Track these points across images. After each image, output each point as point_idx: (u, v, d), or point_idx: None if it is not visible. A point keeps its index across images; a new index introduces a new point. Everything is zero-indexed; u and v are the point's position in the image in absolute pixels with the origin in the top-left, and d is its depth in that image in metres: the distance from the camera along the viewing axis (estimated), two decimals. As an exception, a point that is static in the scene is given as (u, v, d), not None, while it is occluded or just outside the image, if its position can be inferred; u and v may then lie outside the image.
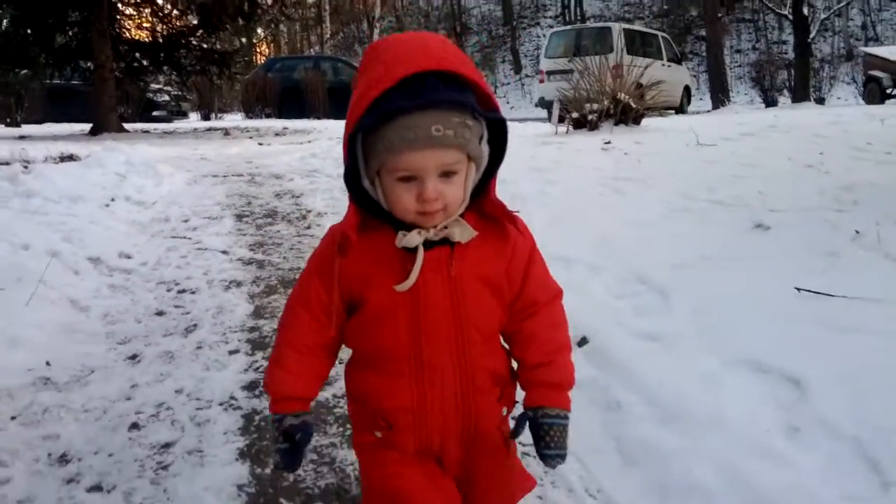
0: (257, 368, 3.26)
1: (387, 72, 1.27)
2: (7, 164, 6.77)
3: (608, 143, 7.99)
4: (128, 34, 18.01)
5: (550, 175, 6.27)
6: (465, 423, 1.51)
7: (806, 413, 2.50)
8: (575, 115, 10.22)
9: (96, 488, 2.44)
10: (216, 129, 17.22)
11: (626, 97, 10.12)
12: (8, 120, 19.89)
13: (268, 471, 2.47)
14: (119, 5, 16.92)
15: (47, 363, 3.32)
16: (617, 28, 21.08)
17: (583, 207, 5.09)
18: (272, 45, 51.25)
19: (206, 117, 26.13)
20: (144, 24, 18.29)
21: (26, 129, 17.25)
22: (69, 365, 3.33)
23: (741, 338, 3.01)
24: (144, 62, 17.90)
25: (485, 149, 1.39)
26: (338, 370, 1.76)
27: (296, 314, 1.51)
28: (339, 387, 2.91)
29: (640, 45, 21.44)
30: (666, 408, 2.68)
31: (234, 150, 11.04)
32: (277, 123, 18.40)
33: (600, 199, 5.40)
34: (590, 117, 9.98)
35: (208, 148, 11.27)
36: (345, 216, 1.43)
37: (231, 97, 30.00)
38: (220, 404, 2.96)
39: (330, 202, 6.53)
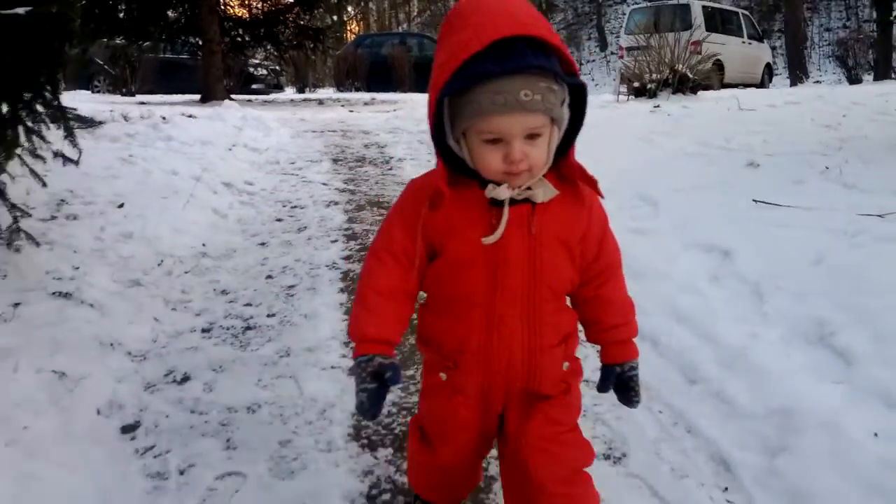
0: (351, 249, 4.54)
1: (475, 35, 1.29)
2: (145, 117, 8.22)
3: (657, 106, 9.00)
4: (232, 11, 19.61)
5: (597, 130, 7.34)
6: (529, 375, 1.57)
7: (727, 270, 3.61)
8: (636, 84, 11.19)
9: (248, 305, 3.75)
10: (311, 100, 18.71)
11: (684, 68, 11.04)
12: (123, 90, 21.86)
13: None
14: (224, -16, 18.49)
15: (203, 245, 4.65)
16: (697, 5, 21.54)
17: (614, 152, 6.17)
18: (362, 22, 52.93)
19: (300, 90, 27.75)
20: (247, 2, 19.86)
21: (141, 97, 19.08)
22: (218, 246, 4.66)
23: (700, 230, 4.10)
24: (246, 37, 19.44)
25: (566, 112, 1.41)
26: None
27: (381, 261, 1.55)
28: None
29: (719, 21, 21.76)
30: (636, 271, 3.80)
31: (328, 114, 12.42)
32: (366, 95, 19.73)
33: (632, 147, 6.48)
34: (648, 86, 10.94)
35: (306, 113, 12.69)
36: (432, 172, 1.49)
37: (324, 72, 31.60)
38: (326, 266, 4.25)
39: (408, 151, 7.79)
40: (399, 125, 9.63)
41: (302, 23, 19.92)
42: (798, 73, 23.57)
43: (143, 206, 4.84)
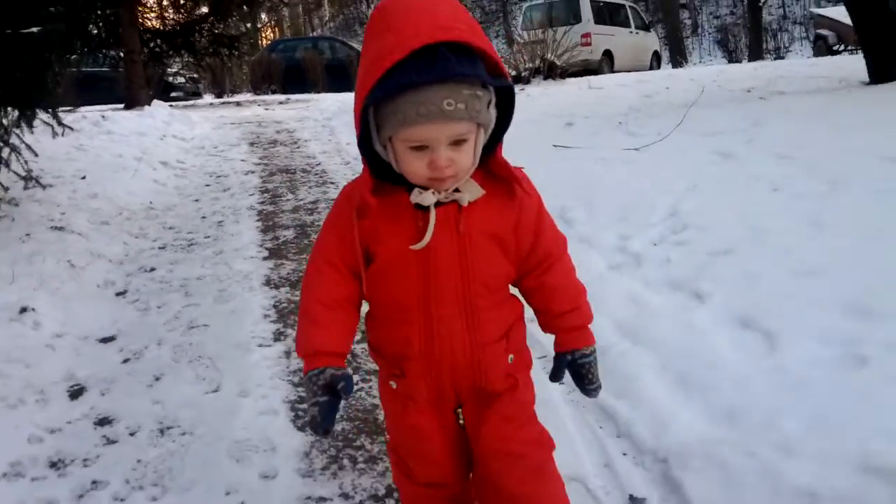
0: (264, 201, 6.09)
1: (398, 42, 1.25)
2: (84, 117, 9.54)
3: (522, 90, 10.74)
4: (149, 23, 20.73)
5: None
6: (475, 373, 1.55)
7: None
8: (513, 73, 12.95)
9: (190, 233, 5.27)
10: (229, 103, 19.99)
11: (553, 57, 12.85)
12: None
13: (270, 234, 5.28)
14: (141, -2, 19.63)
15: (150, 202, 6.13)
16: (586, 0, 23.50)
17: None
18: (277, 29, 53.86)
19: (219, 96, 28.84)
20: (164, 15, 20.99)
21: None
22: (162, 203, 6.15)
23: (512, 162, 5.78)
24: (164, 47, 20.58)
25: (492, 113, 1.38)
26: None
27: (321, 271, 1.53)
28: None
29: (608, 14, 23.72)
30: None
31: (246, 112, 13.86)
32: (282, 97, 21.11)
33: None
34: (523, 74, 12.71)
35: (225, 111, 14.12)
36: (359, 178, 1.48)
37: (241, 77, 32.69)
38: (246, 208, 5.83)
39: (313, 134, 9.37)
40: (307, 115, 11.16)
41: (217, 31, 21.14)
42: (678, 59, 25.84)
43: (100, 178, 6.29)
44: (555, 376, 1.64)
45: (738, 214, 3.83)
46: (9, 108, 4.59)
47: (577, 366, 1.61)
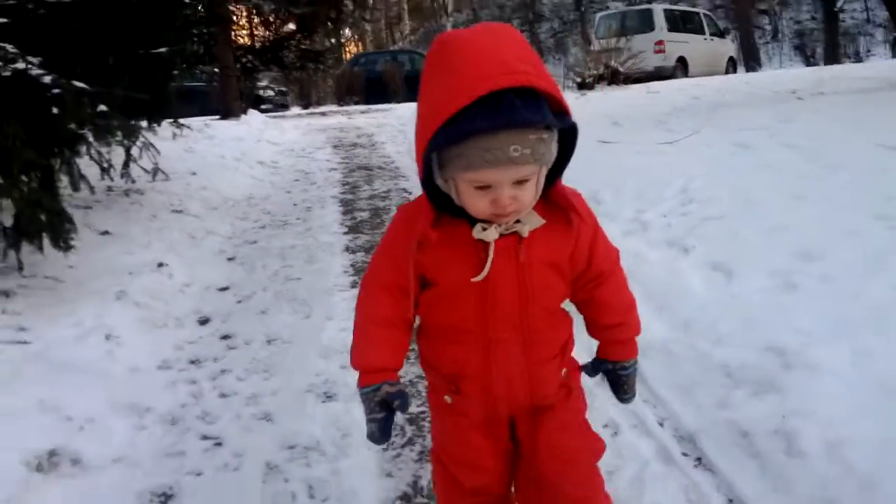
0: (345, 192, 7.07)
1: (462, 87, 1.25)
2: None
3: (584, 94, 11.51)
4: (242, 40, 22.28)
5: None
6: (532, 393, 1.58)
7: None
8: (578, 79, 13.72)
9: (284, 216, 6.27)
10: (315, 113, 21.33)
11: (616, 64, 13.56)
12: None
13: (349, 215, 6.25)
14: (234, 17, 21.19)
15: (250, 194, 7.19)
16: (658, 9, 23.95)
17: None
18: (360, 43, 55.80)
19: (305, 107, 30.43)
20: (254, 32, 22.53)
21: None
22: (259, 194, 7.21)
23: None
24: (256, 63, 22.10)
25: (555, 148, 1.36)
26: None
27: (373, 294, 1.55)
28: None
29: (681, 22, 24.12)
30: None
31: (330, 121, 15.02)
32: (363, 107, 22.35)
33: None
34: (587, 80, 13.46)
35: (311, 120, 15.31)
36: (416, 205, 1.49)
37: (325, 90, 34.31)
38: (331, 197, 6.83)
39: (390, 137, 10.36)
40: (385, 122, 12.20)
41: (303, 47, 22.57)
42: (751, 64, 26.01)
43: (207, 174, 7.39)
44: (590, 372, 1.71)
45: (735, 191, 4.57)
46: (141, 115, 5.65)
47: (615, 376, 1.69)
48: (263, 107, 28.68)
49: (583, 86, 13.54)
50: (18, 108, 3.58)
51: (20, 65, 3.60)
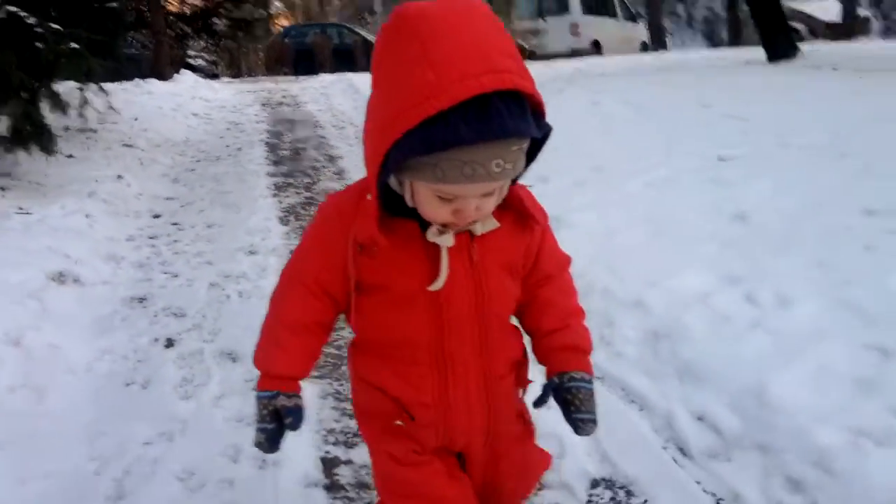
0: (270, 137, 8.25)
1: (440, 85, 1.04)
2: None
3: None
4: (172, 7, 22.94)
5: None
6: (488, 417, 1.43)
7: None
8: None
9: (217, 154, 7.45)
10: (245, 81, 22.22)
11: (520, 41, 14.97)
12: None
13: (273, 153, 7.47)
14: (166, -15, 21.85)
15: (186, 137, 8.31)
16: (575, -8, 25.36)
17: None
18: (291, 18, 56.20)
19: (234, 76, 31.09)
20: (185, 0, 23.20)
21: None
22: (195, 139, 8.35)
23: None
24: (186, 30, 22.80)
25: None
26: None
27: (292, 291, 1.40)
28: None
29: (595, 6, 25.54)
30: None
31: (258, 86, 16.04)
32: (292, 77, 23.30)
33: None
34: (496, 56, 14.85)
35: (241, 85, 16.30)
36: (350, 193, 1.35)
37: (255, 62, 34.93)
38: (258, 141, 8.01)
39: (312, 98, 11.54)
40: (308, 86, 13.34)
41: (234, 16, 23.36)
42: (656, 48, 27.87)
43: (148, 120, 8.50)
44: (537, 402, 1.45)
45: (567, 128, 5.98)
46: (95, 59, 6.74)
47: (563, 391, 1.41)
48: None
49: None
50: (11, 41, 4.69)
51: (12, 8, 4.72)
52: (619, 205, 4.14)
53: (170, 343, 3.17)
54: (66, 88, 5.76)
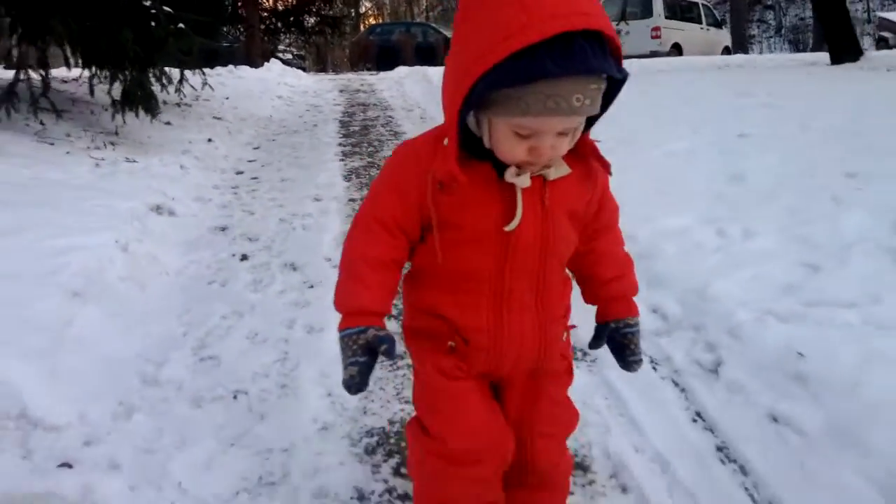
0: (343, 116, 9.02)
1: (530, 21, 1.12)
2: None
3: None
4: (266, 2, 24.19)
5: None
6: (539, 351, 1.50)
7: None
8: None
9: (296, 130, 8.26)
10: (329, 75, 23.30)
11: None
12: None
13: (344, 128, 8.23)
14: (260, -18, 23.10)
15: (270, 115, 9.15)
16: (657, -3, 25.57)
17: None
18: (379, 17, 57.61)
19: (320, 71, 32.37)
20: (277, -4, 24.41)
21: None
22: (277, 117, 9.19)
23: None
24: (278, 24, 24.02)
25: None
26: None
27: (370, 230, 1.44)
28: (371, 111, 8.68)
29: (679, 11, 25.65)
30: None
31: (341, 76, 16.97)
32: (374, 72, 24.28)
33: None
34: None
35: (324, 75, 17.26)
36: (426, 138, 1.41)
37: (341, 58, 36.19)
38: (333, 119, 8.81)
39: (388, 86, 12.31)
40: (386, 77, 14.13)
41: (323, 13, 24.50)
42: (737, 52, 27.79)
43: (237, 100, 9.39)
44: (594, 344, 1.60)
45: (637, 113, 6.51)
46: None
47: (620, 336, 1.56)
48: (282, 69, 30.60)
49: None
50: (129, 20, 5.53)
51: (132, -9, 5.58)
52: (637, 168, 4.67)
53: (244, 257, 3.89)
54: (168, 68, 6.64)
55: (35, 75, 5.85)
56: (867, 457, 1.92)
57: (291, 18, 23.69)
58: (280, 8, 24.39)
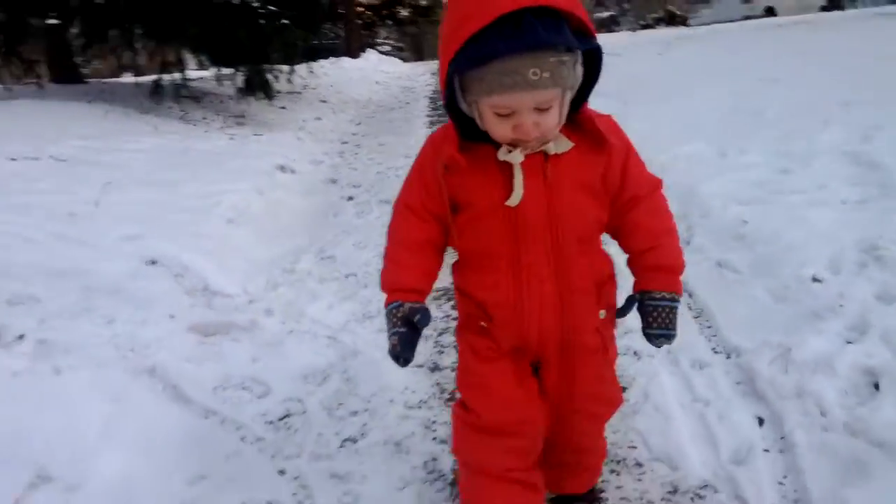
0: (435, 94, 10.06)
1: (479, 7, 1.22)
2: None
3: (634, 31, 14.06)
4: (362, -1, 25.56)
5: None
6: (563, 323, 1.52)
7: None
8: (641, 22, 16.23)
9: (392, 106, 9.37)
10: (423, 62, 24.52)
11: (674, 9, 15.99)
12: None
13: (432, 105, 9.29)
14: (355, -21, 24.51)
15: (369, 98, 10.30)
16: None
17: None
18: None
19: (417, 60, 33.63)
20: (372, -9, 25.80)
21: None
22: (375, 99, 10.34)
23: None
24: (374, 17, 25.39)
25: (579, 72, 1.32)
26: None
27: (404, 217, 1.56)
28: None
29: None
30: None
31: (434, 62, 18.12)
32: (467, 56, 25.31)
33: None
34: (650, 22, 15.95)
35: (419, 63, 18.44)
36: (444, 130, 1.48)
37: (436, 47, 37.34)
38: (423, 97, 9.84)
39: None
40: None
41: (414, 3, 25.73)
42: (832, 9, 27.25)
43: (340, 87, 10.60)
44: (620, 313, 1.61)
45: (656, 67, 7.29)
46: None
47: (642, 307, 1.56)
48: (381, 60, 32.01)
49: (645, 27, 16.02)
50: (242, 21, 6.72)
51: (243, -5, 6.79)
52: (666, 114, 5.51)
53: (350, 198, 4.98)
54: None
55: (174, 74, 7.18)
56: (775, 279, 2.78)
57: (385, 11, 25.03)
58: (375, 3, 25.78)
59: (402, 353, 1.48)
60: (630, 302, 1.57)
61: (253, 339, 2.96)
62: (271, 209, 4.58)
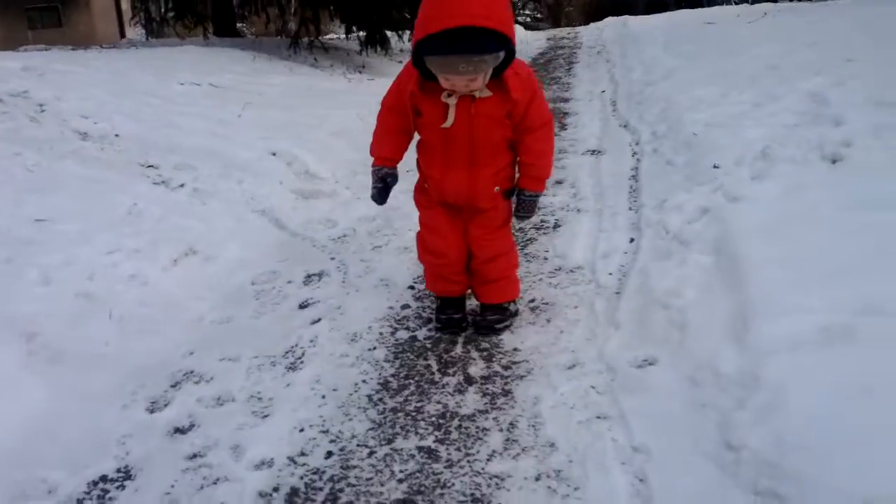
0: (538, 53, 11.15)
1: (438, 19, 2.03)
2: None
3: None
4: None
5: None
6: (470, 195, 2.51)
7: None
8: None
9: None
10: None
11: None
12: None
13: (535, 63, 10.40)
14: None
15: (482, 58, 11.53)
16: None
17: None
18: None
19: (555, 27, 34.29)
20: (512, -38, 26.80)
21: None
22: (488, 58, 11.52)
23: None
24: (512, -12, 26.38)
25: (500, 57, 2.16)
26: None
27: (385, 111, 2.55)
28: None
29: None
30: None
31: (556, 31, 19.00)
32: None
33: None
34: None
35: (548, 31, 19.38)
36: (411, 72, 2.33)
37: (574, 16, 37.81)
38: (527, 55, 10.96)
39: (588, 32, 14.17)
40: (595, 26, 15.95)
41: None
42: None
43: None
44: (505, 194, 2.56)
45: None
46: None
47: (519, 200, 2.56)
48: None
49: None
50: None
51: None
52: (714, 67, 6.39)
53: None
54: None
55: (311, 29, 8.70)
56: (693, 168, 3.82)
57: (522, -18, 25.95)
58: (512, -28, 26.76)
59: (379, 199, 2.55)
60: (511, 192, 2.56)
61: (332, 201, 4.32)
62: (366, 129, 5.87)
